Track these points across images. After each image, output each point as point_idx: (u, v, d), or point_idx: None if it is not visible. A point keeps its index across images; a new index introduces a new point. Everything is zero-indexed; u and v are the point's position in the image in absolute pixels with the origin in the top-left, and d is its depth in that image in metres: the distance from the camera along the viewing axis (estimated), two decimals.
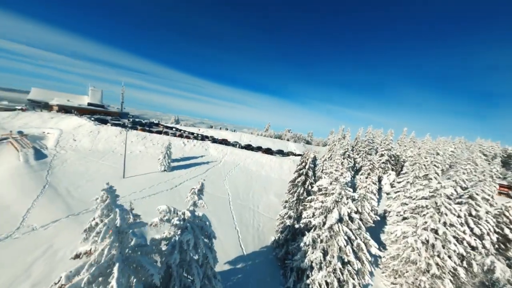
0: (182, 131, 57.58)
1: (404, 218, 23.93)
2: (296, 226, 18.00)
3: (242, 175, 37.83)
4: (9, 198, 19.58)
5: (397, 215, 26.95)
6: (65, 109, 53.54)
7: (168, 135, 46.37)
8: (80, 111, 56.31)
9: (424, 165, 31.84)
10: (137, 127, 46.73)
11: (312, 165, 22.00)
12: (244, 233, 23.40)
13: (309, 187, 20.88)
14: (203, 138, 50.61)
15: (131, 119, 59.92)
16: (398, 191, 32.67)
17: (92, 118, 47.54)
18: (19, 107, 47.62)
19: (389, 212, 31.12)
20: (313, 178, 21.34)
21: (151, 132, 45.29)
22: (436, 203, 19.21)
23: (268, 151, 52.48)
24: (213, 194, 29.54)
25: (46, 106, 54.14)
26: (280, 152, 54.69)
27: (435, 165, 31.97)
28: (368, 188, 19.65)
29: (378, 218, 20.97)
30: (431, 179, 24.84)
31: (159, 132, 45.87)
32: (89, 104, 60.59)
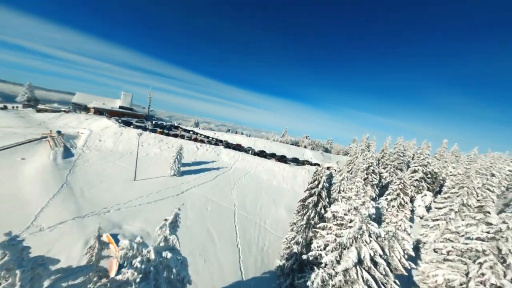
0: (198, 134, 58.69)
1: (447, 260, 18.70)
2: (304, 256, 15.14)
3: (252, 184, 35.87)
4: (31, 195, 21.28)
5: (436, 252, 21.52)
6: (99, 112, 59.64)
7: (184, 138, 47.42)
8: (112, 113, 62.11)
9: (475, 190, 25.24)
10: (157, 129, 48.93)
11: (327, 184, 18.84)
12: (246, 253, 21.22)
13: (322, 211, 17.76)
14: (217, 142, 50.44)
15: (154, 122, 63.74)
16: (438, 219, 26.56)
17: (120, 120, 51.61)
18: (64, 109, 54.60)
19: (424, 243, 25.37)
20: (327, 200, 18.15)
21: (168, 135, 46.87)
22: (499, 249, 14.22)
23: (282, 159, 49.60)
24: (218, 203, 28.21)
25: (85, 109, 61.12)
26: (295, 161, 51.20)
27: (488, 189, 25.12)
28: (400, 225, 15.45)
29: (412, 266, 16.46)
30: (488, 212, 19.08)
31: (176, 135, 47.22)
32: (120, 107, 66.60)
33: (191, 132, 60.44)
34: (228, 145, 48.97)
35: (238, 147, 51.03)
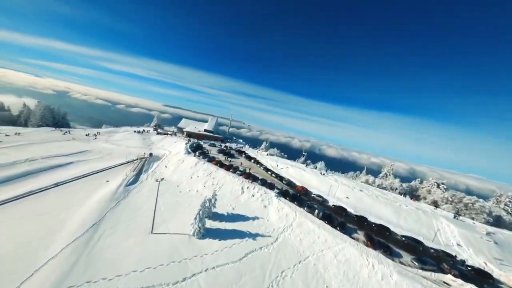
0: (257, 164, 49.96)
1: None
2: None
3: None
4: (62, 232, 22.11)
5: None
6: (189, 135, 71.20)
7: (236, 171, 40.47)
8: (197, 136, 72.07)
9: None
10: (215, 158, 46.57)
11: None
12: None
13: None
14: (272, 184, 37.70)
15: (222, 145, 65.19)
16: None
17: (194, 144, 56.30)
18: (169, 132, 70.62)
19: None
20: None
21: (222, 166, 42.35)
22: None
23: (383, 236, 26.31)
24: None
25: (183, 132, 76.05)
26: (415, 247, 25.33)
27: None
28: None
29: None
30: None
31: (228, 168, 41.54)
32: (205, 130, 76.38)
33: (252, 161, 53.38)
34: (284, 193, 34.53)
35: (299, 197, 34.83)
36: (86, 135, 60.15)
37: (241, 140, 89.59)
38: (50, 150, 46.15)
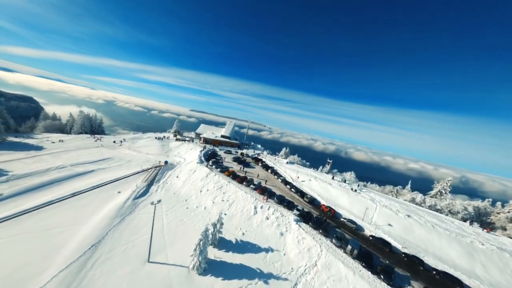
0: (275, 175, 44.50)
1: None
2: None
3: None
4: (69, 248, 20.66)
5: None
6: (206, 141, 69.92)
7: (250, 185, 35.88)
8: (214, 142, 70.32)
9: None
10: (228, 169, 42.91)
11: None
12: None
13: None
14: (290, 204, 31.54)
15: (238, 151, 61.63)
16: None
17: (209, 152, 53.98)
18: (187, 139, 70.51)
19: None
20: None
21: (235, 177, 38.32)
22: None
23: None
24: None
25: (200, 138, 75.39)
26: None
27: None
28: None
29: None
30: None
31: (242, 181, 37.22)
32: (222, 136, 74.33)
33: (269, 171, 48.15)
34: (306, 216, 28.27)
35: (325, 221, 28.09)
36: (113, 142, 63.82)
37: (259, 146, 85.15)
38: (80, 157, 49.09)
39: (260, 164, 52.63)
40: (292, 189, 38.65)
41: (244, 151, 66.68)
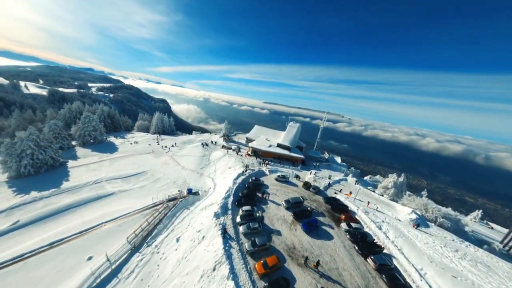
0: (369, 245, 15.67)
1: None
2: None
3: None
4: None
5: None
6: (255, 152, 49.78)
7: None
8: (266, 155, 48.74)
9: None
10: (265, 243, 19.61)
11: None
12: None
13: None
14: None
15: (301, 175, 35.27)
16: None
17: (249, 181, 33.18)
18: (233, 147, 53.75)
19: None
20: None
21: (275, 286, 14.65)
22: None
23: None
24: None
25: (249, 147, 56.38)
26: None
27: None
28: None
29: None
30: None
31: None
32: (278, 146, 51.01)
33: (360, 239, 19.40)
34: None
35: None
36: (165, 147, 59.97)
37: (337, 159, 53.08)
38: (123, 168, 45.53)
39: (344, 221, 24.37)
40: None
41: (312, 174, 39.49)
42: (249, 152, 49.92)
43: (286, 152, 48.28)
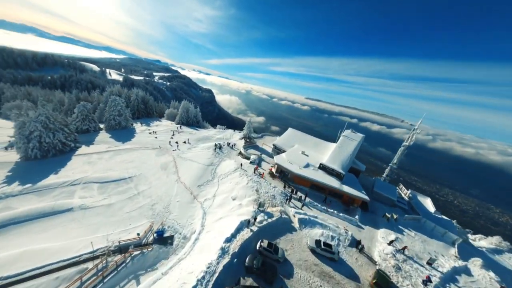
0: None
1: None
2: None
3: None
4: None
5: None
6: (282, 172, 31.91)
7: None
8: (298, 182, 30.24)
9: None
10: None
11: None
12: None
13: None
14: None
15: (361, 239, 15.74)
16: None
17: (262, 243, 16.44)
18: (252, 157, 37.57)
19: None
20: None
21: None
22: None
23: None
24: None
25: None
26: None
27: None
28: None
29: None
30: None
31: None
32: (322, 167, 31.18)
33: None
34: None
35: None
36: (175, 142, 49.70)
37: (427, 205, 28.93)
38: (114, 167, 36.60)
39: None
40: None
41: (389, 244, 19.08)
42: (273, 171, 32.54)
43: (334, 182, 28.24)
